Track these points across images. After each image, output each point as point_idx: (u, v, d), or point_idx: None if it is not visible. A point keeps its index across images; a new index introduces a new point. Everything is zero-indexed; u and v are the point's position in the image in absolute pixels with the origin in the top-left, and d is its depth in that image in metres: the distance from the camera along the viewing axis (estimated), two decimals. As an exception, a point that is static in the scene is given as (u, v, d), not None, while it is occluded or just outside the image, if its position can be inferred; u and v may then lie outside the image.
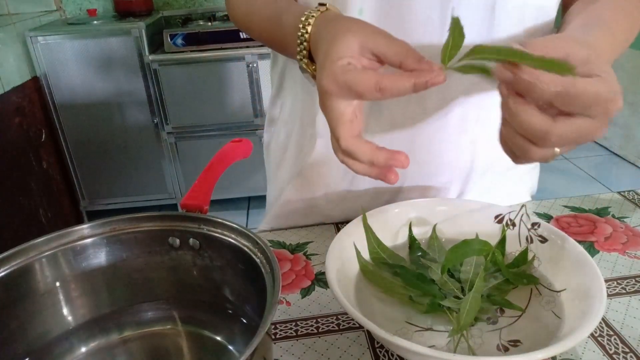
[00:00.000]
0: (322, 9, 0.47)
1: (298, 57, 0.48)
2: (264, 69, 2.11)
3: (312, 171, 0.67)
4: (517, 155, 0.40)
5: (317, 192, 0.69)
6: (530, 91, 0.35)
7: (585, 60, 0.36)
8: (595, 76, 0.35)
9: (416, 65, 0.39)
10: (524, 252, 0.51)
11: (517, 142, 0.38)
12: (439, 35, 0.54)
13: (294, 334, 0.50)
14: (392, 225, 0.56)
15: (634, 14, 0.51)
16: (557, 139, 0.36)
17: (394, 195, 0.67)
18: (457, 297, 0.47)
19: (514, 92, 0.37)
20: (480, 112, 0.60)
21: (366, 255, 0.53)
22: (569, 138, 0.36)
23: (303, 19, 0.46)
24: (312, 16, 0.46)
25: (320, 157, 0.65)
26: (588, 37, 0.43)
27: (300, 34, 0.46)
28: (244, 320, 0.47)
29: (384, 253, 0.53)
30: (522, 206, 0.54)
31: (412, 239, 0.55)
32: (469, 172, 0.66)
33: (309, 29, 0.46)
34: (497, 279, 0.49)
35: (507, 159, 0.46)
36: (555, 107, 0.36)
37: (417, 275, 0.50)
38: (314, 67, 0.47)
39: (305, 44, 0.46)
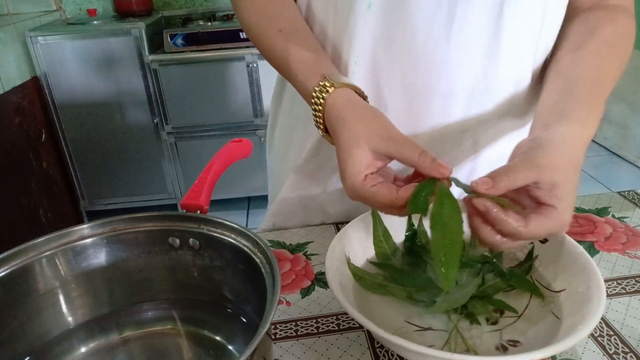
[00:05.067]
0: (329, 88, 0.49)
1: (315, 124, 0.52)
2: (264, 69, 2.11)
3: (310, 167, 0.67)
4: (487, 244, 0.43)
5: (316, 189, 0.69)
6: (493, 224, 0.41)
7: (551, 186, 0.41)
8: (551, 207, 0.41)
9: (429, 165, 0.43)
10: (530, 252, 0.51)
11: (488, 236, 0.42)
12: (446, 33, 0.54)
13: (294, 334, 0.50)
14: (392, 224, 0.56)
15: (615, 64, 0.53)
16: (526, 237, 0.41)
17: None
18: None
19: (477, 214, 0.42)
20: (482, 112, 0.60)
21: (368, 251, 0.53)
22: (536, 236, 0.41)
23: (314, 95, 0.50)
24: (322, 97, 0.49)
25: (319, 152, 0.65)
26: (559, 136, 0.45)
27: (314, 109, 0.50)
28: (244, 320, 0.47)
29: (387, 245, 0.53)
30: None
31: (411, 229, 0.55)
32: (471, 171, 0.66)
33: (323, 107, 0.49)
34: (495, 278, 0.49)
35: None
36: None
37: (409, 274, 0.50)
38: (330, 138, 0.50)
39: (319, 119, 0.50)
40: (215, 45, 2.10)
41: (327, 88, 0.49)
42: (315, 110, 0.51)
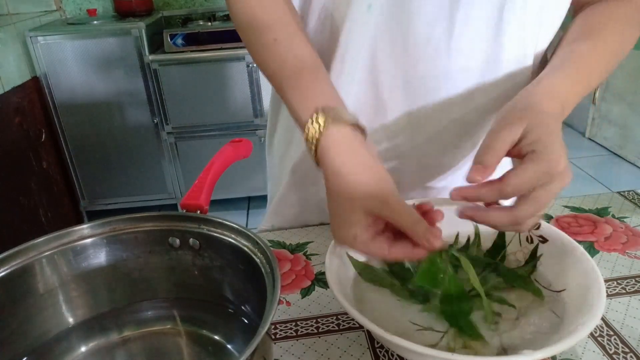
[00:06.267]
0: (322, 128, 0.45)
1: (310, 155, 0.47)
2: (264, 69, 2.11)
3: (307, 165, 0.67)
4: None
5: (314, 187, 0.69)
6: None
7: (525, 133, 0.43)
8: (530, 153, 0.41)
9: (421, 235, 0.41)
10: (534, 250, 0.51)
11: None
12: (447, 35, 0.54)
13: (294, 334, 0.50)
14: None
15: (625, 35, 0.54)
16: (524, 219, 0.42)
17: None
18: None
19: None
20: (481, 116, 0.60)
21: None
22: (538, 207, 0.42)
23: (307, 131, 0.46)
24: (315, 136, 0.45)
25: None
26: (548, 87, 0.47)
27: (307, 146, 0.46)
28: (244, 320, 0.47)
29: None
30: None
31: None
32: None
33: (316, 146, 0.45)
34: (497, 278, 0.49)
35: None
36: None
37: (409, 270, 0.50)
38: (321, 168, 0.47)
39: (312, 150, 0.46)
40: (215, 45, 2.10)
41: (320, 126, 0.45)
42: (308, 146, 0.47)
